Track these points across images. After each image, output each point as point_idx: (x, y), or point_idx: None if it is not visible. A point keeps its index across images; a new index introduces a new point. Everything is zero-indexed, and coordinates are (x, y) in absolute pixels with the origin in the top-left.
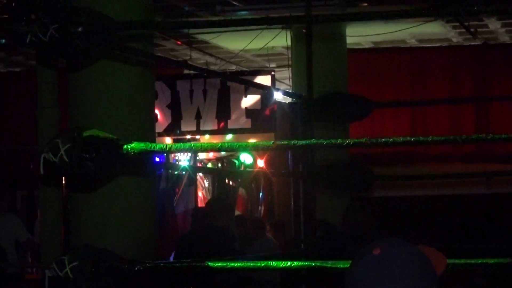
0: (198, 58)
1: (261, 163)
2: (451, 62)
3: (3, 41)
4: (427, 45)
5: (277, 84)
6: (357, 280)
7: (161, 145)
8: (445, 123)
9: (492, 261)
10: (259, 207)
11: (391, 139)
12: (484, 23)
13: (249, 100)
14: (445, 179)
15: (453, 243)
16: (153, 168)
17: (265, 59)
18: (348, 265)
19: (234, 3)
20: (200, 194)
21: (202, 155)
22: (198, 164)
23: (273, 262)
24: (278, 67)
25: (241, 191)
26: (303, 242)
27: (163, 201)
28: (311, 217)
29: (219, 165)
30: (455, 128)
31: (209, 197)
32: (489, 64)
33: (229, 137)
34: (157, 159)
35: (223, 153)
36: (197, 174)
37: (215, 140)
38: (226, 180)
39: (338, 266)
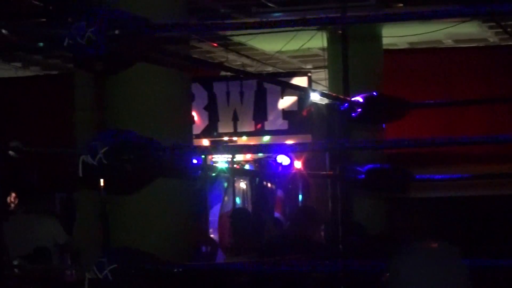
0: (234, 60)
1: (298, 164)
2: (488, 62)
3: (41, 44)
4: (463, 46)
5: (314, 85)
6: (413, 273)
7: (199, 147)
8: (482, 123)
9: None
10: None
11: (427, 140)
12: None
13: (286, 102)
14: (482, 179)
15: (492, 244)
16: (190, 170)
17: (301, 61)
18: (393, 261)
19: (270, 4)
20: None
21: (239, 157)
22: (235, 166)
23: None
24: (314, 68)
25: (279, 192)
26: (340, 243)
27: (201, 203)
28: (348, 218)
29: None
30: (492, 129)
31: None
32: None
33: (266, 138)
34: (195, 161)
35: (260, 154)
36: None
37: (252, 141)
38: (264, 182)
39: (377, 267)
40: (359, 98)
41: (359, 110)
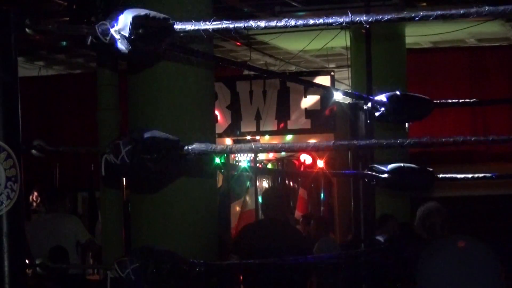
0: (258, 59)
1: (320, 163)
2: (511, 61)
3: (64, 43)
4: (486, 44)
5: (337, 85)
6: (438, 271)
7: (222, 146)
8: (506, 122)
9: None
10: (321, 208)
11: (451, 139)
12: None
13: (309, 101)
14: (507, 178)
15: None
16: (213, 169)
17: (324, 60)
18: (421, 259)
19: (293, 3)
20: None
21: (262, 156)
22: (258, 165)
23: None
24: (337, 67)
25: (302, 191)
26: (363, 242)
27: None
28: (370, 217)
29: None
30: None
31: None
32: None
33: (289, 137)
34: (218, 160)
35: (283, 153)
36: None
37: (275, 140)
38: (286, 181)
39: (399, 266)
40: (383, 97)
41: (382, 109)
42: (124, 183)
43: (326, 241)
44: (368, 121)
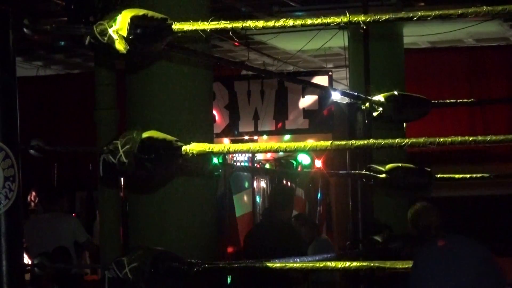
0: (256, 59)
1: (318, 163)
2: (509, 61)
3: (62, 43)
4: (485, 44)
5: (335, 85)
6: (419, 271)
7: (220, 146)
8: (504, 122)
9: None
10: (318, 208)
11: (449, 139)
12: None
13: (307, 101)
14: (505, 179)
15: None
16: (211, 169)
17: (322, 60)
18: (411, 263)
19: (291, 3)
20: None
21: (259, 156)
22: (256, 165)
23: (332, 263)
24: (335, 67)
25: (299, 191)
26: (361, 243)
27: (222, 204)
28: (369, 218)
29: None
30: None
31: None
32: None
33: (286, 137)
34: (216, 160)
35: (280, 153)
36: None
37: (273, 140)
38: (284, 181)
39: (397, 266)
40: (380, 97)
41: (380, 109)
42: (122, 183)
43: (321, 242)
44: (366, 121)
